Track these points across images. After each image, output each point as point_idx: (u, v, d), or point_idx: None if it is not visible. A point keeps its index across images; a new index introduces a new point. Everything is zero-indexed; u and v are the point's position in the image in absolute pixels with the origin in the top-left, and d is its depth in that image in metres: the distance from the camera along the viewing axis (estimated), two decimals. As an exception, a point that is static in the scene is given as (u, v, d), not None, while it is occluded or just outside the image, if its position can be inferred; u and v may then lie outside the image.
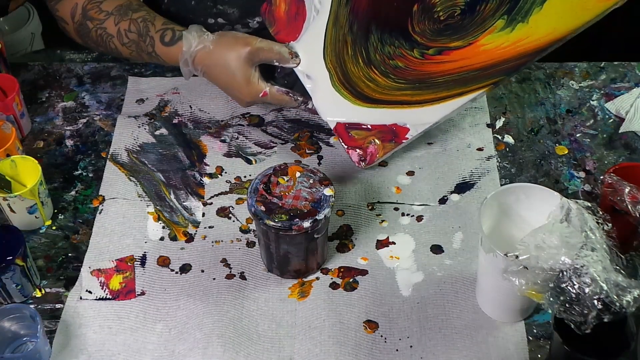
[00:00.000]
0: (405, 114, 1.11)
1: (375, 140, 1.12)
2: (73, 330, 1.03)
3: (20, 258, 1.02)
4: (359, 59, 1.11)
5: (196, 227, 1.14)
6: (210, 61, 1.15)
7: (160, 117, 1.28)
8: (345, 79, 1.12)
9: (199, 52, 1.15)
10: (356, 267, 1.09)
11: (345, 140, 1.14)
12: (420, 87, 1.10)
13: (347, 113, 1.13)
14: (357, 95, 1.12)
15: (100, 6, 1.23)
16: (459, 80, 1.07)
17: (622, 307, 0.84)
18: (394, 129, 1.12)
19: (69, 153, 1.25)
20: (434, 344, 1.00)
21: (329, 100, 1.14)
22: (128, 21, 1.21)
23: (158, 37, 1.19)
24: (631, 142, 1.23)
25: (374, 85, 1.11)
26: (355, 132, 1.13)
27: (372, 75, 1.11)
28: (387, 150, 1.13)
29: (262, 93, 1.14)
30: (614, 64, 1.35)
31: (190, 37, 1.16)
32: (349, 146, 1.14)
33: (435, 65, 1.08)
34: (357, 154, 1.13)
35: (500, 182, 1.18)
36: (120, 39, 1.22)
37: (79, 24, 1.25)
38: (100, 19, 1.23)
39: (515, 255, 0.89)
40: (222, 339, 1.01)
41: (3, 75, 1.27)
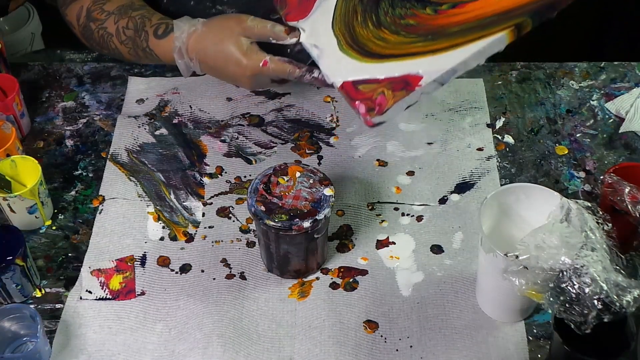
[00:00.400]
0: (418, 63, 1.01)
1: (384, 91, 1.01)
2: (73, 330, 1.03)
3: (20, 258, 1.02)
4: (368, 23, 1.06)
5: (196, 227, 1.14)
6: (203, 44, 1.13)
7: (160, 117, 1.28)
8: (354, 41, 1.06)
9: (191, 37, 1.13)
10: (356, 267, 1.09)
11: (352, 95, 1.03)
12: (434, 37, 1.02)
13: (355, 71, 1.04)
14: (365, 53, 1.05)
15: (103, 7, 1.23)
16: (475, 27, 1.00)
17: (622, 307, 0.84)
18: (405, 79, 1.00)
19: (69, 153, 1.25)
20: (434, 344, 1.00)
21: (336, 62, 1.07)
22: (127, 19, 1.20)
23: (152, 31, 1.18)
24: (631, 142, 1.23)
25: (384, 43, 1.04)
26: (363, 86, 1.03)
27: (381, 35, 1.05)
28: (398, 99, 1.00)
29: (262, 62, 1.10)
30: (614, 64, 1.35)
31: (181, 23, 1.14)
32: (355, 99, 1.03)
33: (449, 18, 1.01)
34: (365, 105, 1.02)
35: (500, 182, 1.18)
36: (119, 36, 1.21)
37: (83, 26, 1.25)
38: (101, 19, 1.22)
39: (515, 255, 0.89)
40: (222, 339, 1.01)
41: (3, 75, 1.27)
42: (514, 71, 1.34)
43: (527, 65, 1.35)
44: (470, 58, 0.98)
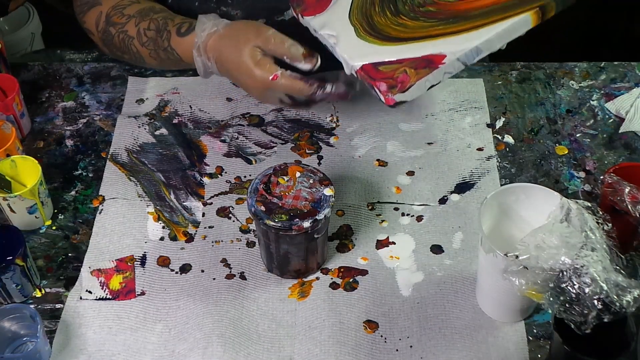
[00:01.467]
0: (440, 43, 1.00)
1: (406, 70, 0.99)
2: (73, 330, 1.03)
3: (20, 258, 1.03)
4: (386, 12, 1.05)
5: (196, 227, 1.14)
6: (220, 46, 1.12)
7: (160, 117, 1.28)
8: (372, 28, 1.05)
9: (211, 37, 1.12)
10: (356, 267, 1.09)
11: (372, 74, 1.01)
12: (455, 20, 1.00)
13: (375, 54, 1.02)
14: (384, 38, 1.04)
15: (123, 11, 1.22)
16: (498, 9, 0.99)
17: (622, 307, 0.84)
18: (428, 58, 0.99)
19: (69, 153, 1.25)
20: (434, 344, 1.00)
21: (354, 47, 1.05)
22: (148, 21, 1.20)
23: (175, 29, 1.17)
24: (631, 142, 1.23)
25: (403, 28, 1.03)
26: (384, 67, 1.01)
27: (400, 22, 1.04)
28: (421, 76, 0.98)
29: (272, 76, 1.08)
30: (614, 64, 1.35)
31: (205, 20, 1.14)
32: (376, 79, 1.00)
33: (470, 3, 1.01)
34: (386, 83, 0.99)
35: (500, 182, 1.18)
36: (140, 38, 1.21)
37: (103, 32, 1.24)
38: (122, 23, 1.22)
39: (515, 255, 0.89)
40: (222, 339, 1.01)
41: (3, 75, 1.27)
42: (514, 71, 1.34)
43: (527, 65, 1.35)
44: (494, 37, 0.97)
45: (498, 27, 0.97)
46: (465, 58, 0.98)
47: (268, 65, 1.08)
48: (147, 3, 1.23)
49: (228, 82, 1.31)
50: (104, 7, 1.24)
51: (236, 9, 1.23)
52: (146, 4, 1.23)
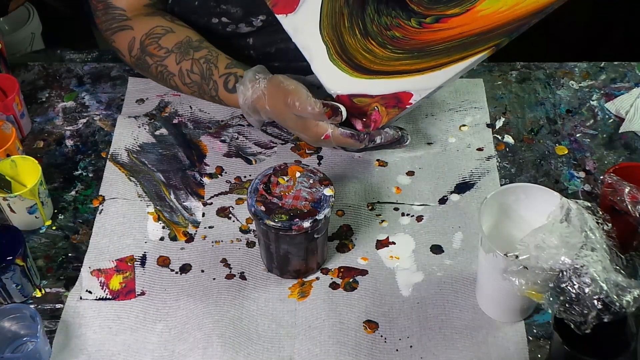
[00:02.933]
0: (406, 82, 1.08)
1: (378, 107, 1.09)
2: (73, 330, 1.03)
3: (20, 258, 1.03)
4: (355, 30, 1.09)
5: (196, 227, 1.14)
6: (268, 109, 1.12)
7: (160, 117, 1.28)
8: (343, 51, 1.10)
9: (255, 102, 1.13)
10: (356, 267, 1.09)
11: (348, 108, 1.10)
12: (419, 55, 1.07)
13: (346, 85, 1.10)
14: (355, 67, 1.10)
15: (159, 42, 1.21)
16: (458, 46, 1.04)
17: (622, 307, 0.84)
18: (397, 96, 1.09)
19: (69, 153, 1.25)
20: (434, 344, 1.00)
21: (328, 72, 1.11)
22: (190, 61, 1.19)
23: (222, 82, 1.17)
24: (631, 142, 1.23)
25: (372, 56, 1.09)
26: (358, 100, 1.10)
27: (369, 47, 1.08)
28: (392, 116, 1.09)
29: (323, 136, 1.10)
30: (614, 64, 1.35)
31: (244, 88, 1.13)
32: (352, 114, 1.10)
33: (433, 34, 1.05)
34: (362, 123, 1.11)
35: (500, 182, 1.18)
36: (182, 78, 1.20)
37: (137, 58, 1.23)
38: (160, 56, 1.21)
39: (515, 255, 0.89)
40: (222, 339, 1.01)
41: (3, 75, 1.27)
42: (514, 71, 1.34)
43: (527, 65, 1.35)
44: (454, 76, 1.06)
45: (458, 68, 1.05)
46: (429, 95, 1.08)
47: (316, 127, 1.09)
48: (181, 33, 1.22)
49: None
50: (136, 33, 1.22)
51: (235, 6, 1.23)
52: (181, 35, 1.21)
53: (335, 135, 1.09)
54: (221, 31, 1.26)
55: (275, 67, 1.25)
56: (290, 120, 1.10)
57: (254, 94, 1.12)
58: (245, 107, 1.14)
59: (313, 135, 1.10)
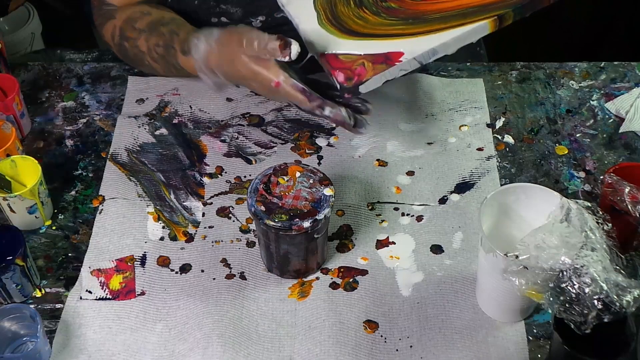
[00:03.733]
0: (397, 44, 1.03)
1: (364, 63, 1.02)
2: (73, 330, 1.03)
3: (20, 258, 1.03)
4: (350, 2, 1.07)
5: (196, 227, 1.14)
6: (218, 62, 1.10)
7: (160, 117, 1.28)
8: (333, 17, 1.07)
9: (208, 56, 1.10)
10: (356, 267, 1.09)
11: (332, 63, 1.03)
12: (414, 22, 1.04)
13: (333, 46, 1.05)
14: (344, 31, 1.07)
15: (135, 25, 1.21)
16: (456, 15, 1.02)
17: (622, 307, 0.84)
18: (386, 55, 1.02)
19: (69, 153, 1.25)
20: (434, 344, 1.00)
21: (316, 33, 1.07)
22: (156, 37, 1.19)
23: (180, 47, 1.16)
24: (631, 142, 1.23)
25: (363, 22, 1.06)
26: (344, 56, 1.04)
27: (361, 14, 1.06)
28: (378, 71, 1.01)
29: (274, 83, 1.05)
30: (614, 64, 1.35)
31: (198, 42, 1.11)
32: (335, 67, 1.03)
33: (431, 5, 1.04)
34: (344, 74, 1.02)
35: (500, 182, 1.18)
36: (150, 54, 1.20)
37: (118, 45, 1.24)
38: (134, 38, 1.21)
39: (515, 255, 0.89)
40: (222, 339, 1.01)
41: (3, 75, 1.27)
42: (514, 71, 1.34)
43: (527, 65, 1.35)
44: (450, 41, 1.01)
45: (457, 32, 1.01)
46: (421, 58, 1.02)
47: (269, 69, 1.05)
48: (157, 12, 1.22)
49: (228, 82, 1.31)
50: (117, 21, 1.23)
51: (235, 6, 1.23)
52: (155, 15, 1.21)
53: (286, 86, 1.05)
54: None
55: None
56: (242, 66, 1.06)
57: (208, 45, 1.10)
58: (200, 61, 1.11)
59: (264, 80, 1.06)
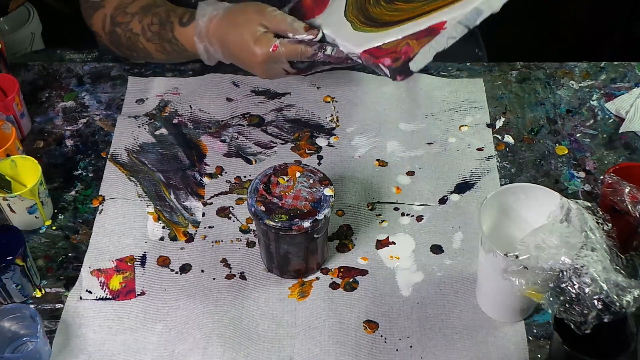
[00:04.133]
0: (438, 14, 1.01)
1: (409, 42, 1.01)
2: (73, 330, 1.03)
3: (20, 258, 1.02)
4: (380, 2, 1.07)
5: (196, 227, 1.14)
6: (222, 29, 1.12)
7: (160, 117, 1.28)
8: (367, 19, 1.07)
9: (212, 22, 1.12)
10: (356, 267, 1.09)
11: (375, 54, 1.03)
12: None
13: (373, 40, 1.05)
14: (381, 25, 1.06)
15: (126, 10, 1.23)
16: None
17: (622, 307, 0.84)
18: (429, 28, 1.00)
19: (69, 153, 1.25)
20: (434, 344, 1.00)
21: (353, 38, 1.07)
22: (151, 16, 1.21)
23: (177, 19, 1.19)
24: (631, 142, 1.23)
25: (399, 12, 1.05)
26: (385, 45, 1.03)
27: (395, 7, 1.05)
28: (424, 43, 1.00)
29: (272, 47, 1.08)
30: (614, 64, 1.35)
31: (205, 4, 1.14)
32: (380, 56, 1.02)
33: None
34: (390, 57, 1.01)
35: (500, 182, 1.18)
36: (145, 34, 1.22)
37: (110, 33, 1.26)
38: (126, 22, 1.23)
39: (515, 255, 0.89)
40: (222, 339, 1.01)
41: (3, 75, 1.27)
42: (514, 71, 1.34)
43: (527, 65, 1.35)
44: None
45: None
46: (466, 21, 0.99)
47: (267, 39, 1.09)
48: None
49: (228, 82, 1.31)
50: (107, 9, 1.25)
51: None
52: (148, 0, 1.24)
53: (283, 44, 1.08)
54: None
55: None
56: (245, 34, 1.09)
57: (214, 11, 1.12)
58: (201, 24, 1.12)
59: (261, 51, 1.09)
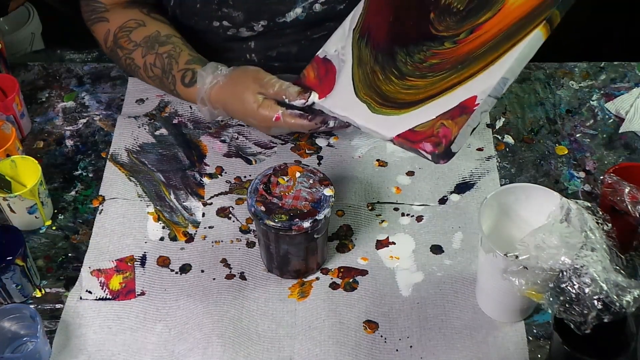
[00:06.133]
0: (462, 91, 0.99)
1: (444, 122, 0.98)
2: (73, 330, 1.03)
3: (20, 258, 1.02)
4: (391, 78, 1.06)
5: (196, 227, 1.14)
6: (223, 96, 1.15)
7: (160, 117, 1.28)
8: (384, 99, 1.05)
9: (212, 89, 1.15)
10: (356, 267, 1.09)
11: (412, 138, 0.99)
12: (465, 65, 1.00)
13: (400, 124, 1.01)
14: (400, 106, 1.03)
15: (130, 35, 1.24)
16: (503, 39, 0.98)
17: (622, 307, 0.84)
18: (460, 105, 0.98)
19: (69, 153, 1.25)
20: (434, 344, 1.00)
21: (375, 123, 1.04)
22: (154, 55, 1.22)
23: (179, 77, 1.20)
24: (631, 142, 1.23)
25: (415, 90, 1.03)
26: (419, 126, 1.00)
27: (409, 84, 1.04)
28: (461, 124, 0.97)
29: (274, 117, 1.10)
30: (614, 64, 1.35)
31: (204, 74, 1.16)
32: (417, 141, 0.99)
33: (471, 44, 1.00)
34: (430, 142, 0.98)
35: (500, 182, 1.18)
36: (146, 72, 1.24)
37: (110, 50, 1.27)
38: (129, 49, 1.24)
39: (515, 255, 0.89)
40: (222, 339, 1.01)
41: (3, 75, 1.27)
42: (514, 71, 1.34)
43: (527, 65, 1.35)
44: (514, 64, 0.97)
45: (515, 53, 0.97)
46: (495, 92, 0.97)
47: (270, 107, 1.11)
48: (152, 27, 1.25)
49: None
50: (111, 25, 1.26)
51: (237, 10, 1.23)
52: (152, 28, 1.24)
53: (285, 115, 1.10)
54: (222, 34, 1.26)
55: (275, 67, 1.25)
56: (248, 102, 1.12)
57: (214, 79, 1.15)
58: (202, 92, 1.16)
59: (265, 118, 1.11)
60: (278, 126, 1.12)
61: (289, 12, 1.23)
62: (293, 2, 1.22)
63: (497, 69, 0.97)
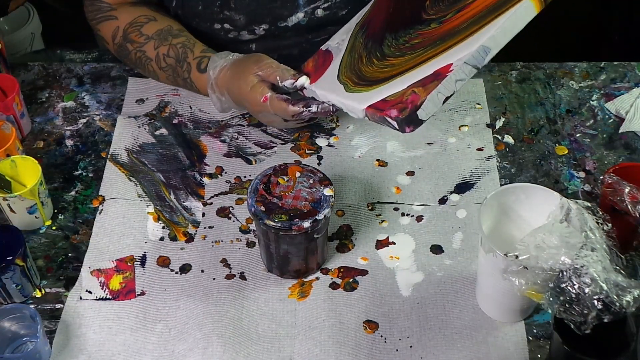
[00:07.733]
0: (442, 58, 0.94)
1: (414, 90, 0.93)
2: (73, 330, 1.03)
3: (20, 258, 1.03)
4: (373, 60, 1.06)
5: (196, 227, 1.14)
6: (228, 78, 1.15)
7: (160, 117, 1.28)
8: (360, 79, 1.05)
9: (221, 72, 1.15)
10: (356, 267, 1.09)
11: (381, 107, 0.96)
12: (445, 39, 0.96)
13: (375, 94, 0.99)
14: (377, 82, 1.01)
15: (141, 29, 1.24)
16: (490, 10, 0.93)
17: (622, 307, 0.84)
18: (434, 73, 0.93)
19: (69, 153, 1.25)
20: (434, 344, 1.00)
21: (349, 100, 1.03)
22: (167, 46, 1.22)
23: (195, 63, 1.20)
24: (631, 142, 1.23)
25: (390, 68, 1.02)
26: (390, 96, 0.96)
27: (387, 63, 1.03)
28: (431, 89, 0.92)
29: (262, 98, 1.10)
30: (614, 64, 1.35)
31: (217, 59, 1.16)
32: (385, 109, 0.95)
33: (456, 21, 0.96)
34: (396, 109, 0.94)
35: (500, 182, 1.18)
36: (159, 63, 1.23)
37: (119, 46, 1.26)
38: (140, 42, 1.24)
39: (515, 255, 0.89)
40: (222, 339, 1.01)
41: (3, 75, 1.27)
42: (514, 71, 1.34)
43: (527, 65, 1.35)
44: (499, 33, 0.91)
45: (500, 21, 0.91)
46: (474, 60, 0.92)
47: (261, 89, 1.11)
48: (164, 21, 1.24)
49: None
50: (120, 22, 1.25)
51: (239, 13, 1.23)
52: (163, 23, 1.24)
53: (272, 99, 1.09)
54: (223, 37, 1.26)
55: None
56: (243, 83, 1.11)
57: (223, 64, 1.15)
58: (212, 78, 1.15)
59: (254, 99, 1.11)
60: (266, 110, 1.11)
61: (291, 16, 1.23)
62: (295, 7, 1.22)
63: (479, 37, 0.92)
